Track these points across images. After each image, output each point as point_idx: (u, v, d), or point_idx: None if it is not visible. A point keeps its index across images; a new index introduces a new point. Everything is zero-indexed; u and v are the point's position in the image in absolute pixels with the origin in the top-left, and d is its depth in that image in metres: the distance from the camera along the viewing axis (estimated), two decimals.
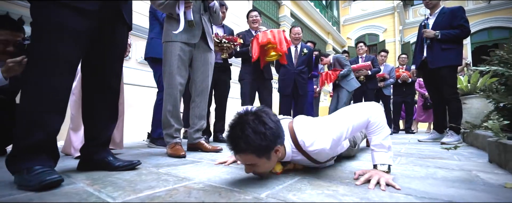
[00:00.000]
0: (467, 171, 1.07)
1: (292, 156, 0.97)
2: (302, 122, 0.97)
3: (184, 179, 0.91)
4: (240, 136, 0.77)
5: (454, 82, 2.46)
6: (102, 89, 1.07)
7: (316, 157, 0.96)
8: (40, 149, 0.85)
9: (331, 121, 0.93)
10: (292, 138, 0.94)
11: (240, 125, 0.78)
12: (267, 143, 0.78)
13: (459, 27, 2.39)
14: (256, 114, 0.81)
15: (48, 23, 0.86)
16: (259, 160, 0.81)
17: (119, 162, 1.06)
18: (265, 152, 0.80)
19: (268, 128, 0.78)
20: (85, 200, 0.67)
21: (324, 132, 0.90)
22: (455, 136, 2.36)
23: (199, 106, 1.73)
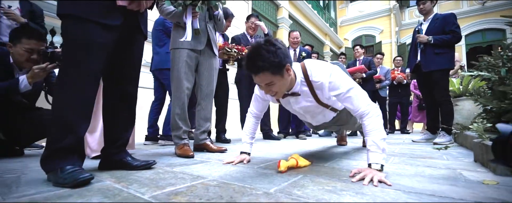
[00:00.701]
0: (452, 170, 1.18)
1: (301, 86, 1.17)
2: (314, 60, 1.19)
3: (199, 177, 1.01)
4: (256, 57, 0.96)
5: (446, 85, 2.59)
6: (122, 96, 1.16)
7: (317, 90, 1.17)
8: (71, 150, 0.95)
9: (339, 72, 1.13)
10: (303, 70, 1.15)
11: (255, 49, 0.97)
12: (279, 59, 0.97)
13: (451, 32, 2.51)
14: (267, 40, 1.00)
15: (77, 38, 0.96)
16: (274, 78, 1.00)
17: (137, 162, 1.16)
18: (278, 68, 0.98)
19: (278, 48, 0.98)
20: (119, 195, 0.77)
21: (330, 72, 1.12)
22: (446, 137, 2.49)
23: (204, 109, 1.83)
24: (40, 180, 0.97)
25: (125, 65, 1.15)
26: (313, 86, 1.16)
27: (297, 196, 0.76)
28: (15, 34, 1.45)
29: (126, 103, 1.18)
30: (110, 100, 1.17)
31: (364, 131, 1.05)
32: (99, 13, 0.97)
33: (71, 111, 0.94)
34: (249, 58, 0.99)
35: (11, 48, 1.45)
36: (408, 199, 0.74)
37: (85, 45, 0.96)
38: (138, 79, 1.23)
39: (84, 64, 0.95)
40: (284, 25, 7.18)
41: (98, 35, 0.98)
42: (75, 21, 0.95)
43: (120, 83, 1.15)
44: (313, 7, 8.83)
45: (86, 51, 0.96)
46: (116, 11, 1.02)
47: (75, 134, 0.95)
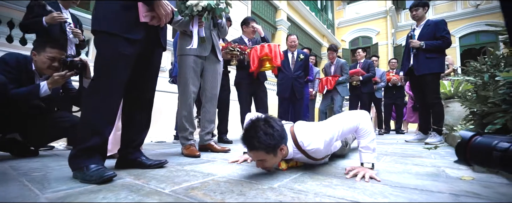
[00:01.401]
0: (437, 167, 1.31)
1: (294, 154, 1.20)
2: (301, 127, 1.20)
3: (209, 175, 1.12)
4: (253, 137, 1.00)
5: (437, 88, 2.72)
6: (141, 102, 1.28)
7: (313, 155, 1.19)
8: (96, 150, 1.06)
9: (325, 126, 1.16)
10: (293, 140, 1.17)
11: (254, 128, 1.02)
12: (275, 142, 1.01)
13: (441, 38, 2.65)
14: (265, 120, 1.05)
15: (106, 51, 1.09)
16: (267, 156, 1.04)
17: (150, 161, 1.26)
18: (273, 150, 1.03)
19: (275, 130, 1.02)
20: (142, 189, 0.88)
21: (319, 135, 1.14)
22: (437, 137, 2.62)
23: (209, 111, 1.94)
24: (66, 177, 1.07)
25: (145, 74, 1.27)
26: (307, 153, 1.17)
27: (297, 190, 0.88)
28: (41, 43, 1.57)
29: (144, 108, 1.30)
30: (130, 106, 1.28)
31: (357, 136, 1.16)
32: (124, 29, 1.09)
33: (99, 117, 1.06)
34: (247, 135, 1.02)
35: (35, 56, 1.55)
36: (394, 192, 0.86)
37: (112, 57, 1.08)
38: (155, 87, 1.36)
39: (112, 73, 1.08)
40: (282, 27, 7.31)
41: (124, 48, 1.10)
42: (105, 36, 1.09)
43: (140, 90, 1.27)
44: (311, 9, 8.97)
45: (113, 62, 1.08)
46: (139, 26, 1.14)
47: (100, 136, 1.06)
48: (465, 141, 0.63)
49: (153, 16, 1.19)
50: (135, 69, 1.20)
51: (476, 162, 0.65)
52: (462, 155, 0.64)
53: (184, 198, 0.79)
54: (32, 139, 1.70)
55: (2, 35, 2.61)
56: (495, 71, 1.76)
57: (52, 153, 1.88)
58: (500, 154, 0.57)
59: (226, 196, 0.80)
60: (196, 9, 1.58)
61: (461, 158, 0.65)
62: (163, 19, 1.21)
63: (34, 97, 1.48)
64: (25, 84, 1.50)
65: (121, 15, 1.10)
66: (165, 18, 1.21)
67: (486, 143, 0.61)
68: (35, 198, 0.80)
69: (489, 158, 0.59)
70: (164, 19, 1.21)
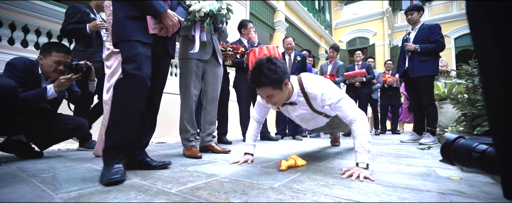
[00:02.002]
0: (428, 168, 1.38)
1: (297, 95, 1.37)
2: (309, 74, 1.40)
3: (212, 175, 1.18)
4: (259, 74, 1.15)
5: (431, 90, 2.81)
6: (149, 106, 1.33)
7: (311, 101, 1.36)
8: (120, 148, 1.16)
9: (330, 85, 1.33)
10: (299, 83, 1.35)
11: (259, 67, 1.17)
12: (278, 76, 1.17)
13: (435, 42, 2.73)
14: (268, 59, 1.19)
15: (128, 53, 1.18)
16: (274, 91, 1.20)
17: (155, 163, 1.32)
18: (278, 84, 1.18)
19: (278, 66, 1.18)
20: (150, 190, 0.93)
21: (323, 86, 1.32)
22: (431, 138, 2.71)
23: (210, 113, 2.00)
24: (75, 178, 1.12)
25: (154, 80, 1.32)
26: (308, 97, 1.35)
27: (296, 189, 0.94)
28: (47, 47, 1.61)
29: (151, 112, 1.36)
30: None
31: (353, 135, 1.23)
32: (138, 34, 1.21)
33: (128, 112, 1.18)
34: (253, 74, 1.18)
35: (41, 60, 1.60)
36: (386, 191, 0.92)
37: (135, 55, 1.17)
38: (162, 92, 1.44)
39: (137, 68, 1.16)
40: (280, 28, 7.37)
41: (140, 48, 1.20)
42: (125, 43, 1.19)
43: (148, 95, 1.31)
44: (308, 10, 9.05)
45: (137, 58, 1.17)
46: (149, 34, 1.25)
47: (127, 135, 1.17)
48: (449, 143, 0.69)
49: (161, 27, 1.28)
50: None
51: (458, 162, 0.71)
52: (446, 155, 0.70)
53: (191, 197, 0.84)
54: (37, 141, 1.74)
55: (3, 37, 2.64)
56: None
57: (56, 155, 1.92)
58: (478, 155, 0.63)
59: (230, 195, 0.86)
60: (198, 15, 1.64)
61: (445, 157, 0.71)
62: (171, 29, 1.29)
63: (41, 100, 1.53)
64: (32, 88, 1.54)
65: (133, 24, 1.21)
66: (172, 28, 1.30)
67: (467, 145, 0.68)
68: (50, 198, 0.85)
69: (469, 159, 0.65)
70: (171, 29, 1.30)
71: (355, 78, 4.21)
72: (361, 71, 4.18)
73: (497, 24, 0.48)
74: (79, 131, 1.87)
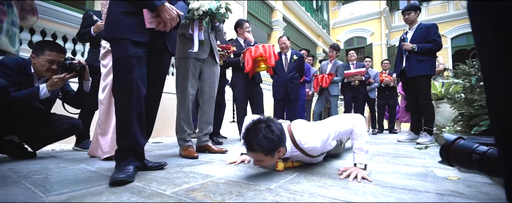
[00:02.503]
0: (425, 168, 1.37)
1: (291, 152, 1.26)
2: (299, 126, 1.27)
3: (208, 176, 1.16)
4: (254, 139, 1.05)
5: (428, 90, 2.81)
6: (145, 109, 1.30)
7: (310, 152, 1.26)
8: (127, 152, 1.15)
9: (323, 126, 1.23)
10: (291, 138, 1.23)
11: (255, 131, 1.06)
12: (273, 146, 1.06)
13: (433, 41, 2.73)
14: (267, 124, 1.08)
15: (119, 54, 1.15)
16: (265, 157, 1.09)
17: (151, 163, 1.29)
18: (271, 152, 1.07)
19: (275, 134, 1.06)
20: (144, 192, 0.91)
21: (316, 134, 1.20)
22: (428, 137, 2.71)
23: (206, 113, 1.98)
24: (67, 180, 1.10)
25: (151, 80, 1.28)
26: (305, 151, 1.24)
27: (293, 191, 0.92)
28: (40, 46, 1.57)
29: (147, 118, 1.29)
30: None
31: (351, 137, 1.22)
32: (131, 33, 1.15)
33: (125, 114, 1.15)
34: (247, 137, 1.06)
35: (34, 59, 1.56)
36: (384, 192, 0.91)
37: (124, 58, 1.14)
38: (160, 95, 1.39)
39: (124, 71, 1.13)
40: (278, 27, 7.35)
41: (131, 49, 1.15)
42: (116, 41, 1.16)
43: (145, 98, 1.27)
44: (306, 9, 9.04)
45: (126, 62, 1.14)
46: (144, 31, 1.19)
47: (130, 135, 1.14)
48: (448, 144, 0.68)
49: (159, 21, 1.22)
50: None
51: (457, 163, 0.70)
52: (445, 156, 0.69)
53: (186, 199, 0.83)
54: (30, 141, 1.71)
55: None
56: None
57: (50, 155, 1.89)
58: (478, 157, 0.62)
59: (225, 197, 0.84)
60: (197, 13, 1.61)
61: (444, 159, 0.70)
62: (169, 23, 1.23)
63: (34, 99, 1.50)
64: (24, 87, 1.51)
65: (127, 21, 1.16)
66: (170, 22, 1.23)
67: (467, 146, 0.67)
68: (40, 201, 0.82)
69: (468, 160, 0.64)
70: (169, 23, 1.23)
71: (355, 77, 4.19)
72: (362, 70, 4.18)
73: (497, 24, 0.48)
74: (73, 131, 1.84)
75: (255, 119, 1.12)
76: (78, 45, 3.11)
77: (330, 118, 1.28)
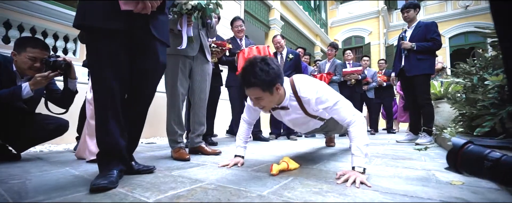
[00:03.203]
0: (427, 171, 1.31)
1: (290, 100, 1.26)
2: (302, 77, 1.29)
3: (197, 181, 1.09)
4: (250, 73, 1.04)
5: (427, 89, 2.75)
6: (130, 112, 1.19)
7: (305, 105, 1.27)
8: (108, 155, 1.07)
9: (326, 88, 1.23)
10: (291, 86, 1.25)
11: (251, 65, 1.06)
12: (270, 79, 1.06)
13: (432, 40, 2.68)
14: (263, 58, 1.08)
15: (89, 47, 1.06)
16: (264, 94, 1.09)
17: (139, 166, 1.22)
18: (268, 86, 1.07)
19: (271, 68, 1.07)
20: (125, 199, 0.84)
21: (317, 89, 1.22)
22: (427, 138, 2.65)
23: (198, 113, 1.90)
24: (46, 186, 1.02)
25: (137, 78, 1.15)
26: (301, 101, 1.26)
27: (287, 198, 0.86)
28: (21, 43, 1.49)
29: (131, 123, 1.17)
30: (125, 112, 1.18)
31: (350, 137, 1.16)
32: (102, 18, 0.99)
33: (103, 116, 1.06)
34: (244, 72, 1.08)
35: (15, 56, 1.48)
36: (384, 199, 0.85)
37: (94, 53, 1.04)
38: (149, 94, 1.22)
39: (97, 71, 1.04)
40: (276, 26, 7.28)
41: (104, 43, 1.02)
42: (87, 31, 1.04)
43: (132, 100, 1.16)
44: (304, 8, 8.97)
45: (95, 58, 1.04)
46: (120, 15, 1.00)
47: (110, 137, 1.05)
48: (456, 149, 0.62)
49: (137, 2, 1.00)
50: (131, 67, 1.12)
51: (466, 170, 0.64)
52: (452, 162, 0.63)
53: None
54: (13, 143, 1.63)
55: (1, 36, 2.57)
56: (483, 74, 1.78)
57: (36, 157, 1.81)
58: (491, 164, 0.56)
59: None
60: (185, 7, 1.54)
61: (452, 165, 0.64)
62: (148, 3, 1.02)
63: (16, 99, 1.42)
64: (6, 86, 1.43)
65: (98, 5, 0.99)
66: (150, 2, 1.03)
67: (478, 151, 0.60)
68: None
69: (479, 167, 0.58)
70: (149, 3, 1.02)
71: (352, 76, 4.13)
72: (359, 68, 4.12)
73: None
74: (60, 132, 1.76)
75: (252, 59, 1.11)
76: (69, 43, 3.03)
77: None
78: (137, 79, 1.17)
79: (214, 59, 2.58)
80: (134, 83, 1.18)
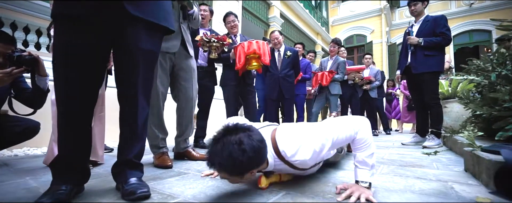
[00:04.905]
0: (443, 183, 1.12)
1: (275, 165, 0.98)
2: (284, 132, 0.99)
3: (169, 197, 0.91)
4: (217, 155, 0.78)
5: (435, 88, 2.56)
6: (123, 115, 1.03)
7: (298, 166, 0.99)
8: (64, 165, 0.91)
9: (316, 132, 0.95)
10: (274, 148, 0.96)
11: (222, 144, 0.78)
12: (241, 170, 0.80)
13: (441, 35, 2.48)
14: (239, 141, 0.78)
15: (56, 37, 0.90)
16: (230, 177, 0.84)
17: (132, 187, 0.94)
18: (238, 174, 0.82)
19: (246, 157, 0.77)
20: None
21: (307, 143, 0.92)
22: (436, 140, 2.46)
23: (185, 114, 1.71)
24: None
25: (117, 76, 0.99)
26: (292, 164, 0.97)
27: None
28: None
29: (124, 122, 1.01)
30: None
31: (353, 147, 0.96)
32: (63, 4, 0.85)
33: (61, 122, 0.91)
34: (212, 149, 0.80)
35: None
36: None
37: (55, 47, 0.89)
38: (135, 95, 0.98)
39: (57, 68, 0.89)
40: (275, 24, 7.09)
41: (68, 30, 0.87)
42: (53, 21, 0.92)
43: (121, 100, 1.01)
44: (305, 6, 8.77)
45: (57, 53, 0.88)
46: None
47: (64, 147, 0.91)
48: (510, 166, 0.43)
49: None
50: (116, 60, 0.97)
51: None
52: (505, 185, 0.44)
53: None
54: None
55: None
56: (502, 70, 1.59)
57: (3, 162, 1.64)
58: None
59: None
60: None
61: (503, 189, 0.45)
62: None
63: None
64: None
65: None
66: None
67: None
68: None
69: None
70: None
71: (357, 74, 3.90)
72: (362, 66, 3.91)
73: None
74: (29, 135, 1.58)
75: (229, 125, 0.85)
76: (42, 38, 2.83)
77: (328, 120, 1.01)
78: (117, 75, 1.01)
79: (214, 55, 2.39)
80: (116, 81, 1.01)
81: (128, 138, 1.01)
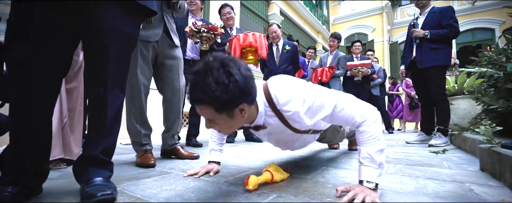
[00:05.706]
0: (459, 183, 0.97)
1: (266, 117, 0.86)
2: (279, 79, 0.87)
3: (138, 199, 0.77)
4: (199, 84, 0.66)
5: (442, 83, 2.42)
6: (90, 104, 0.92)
7: (291, 122, 0.87)
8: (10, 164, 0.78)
9: (318, 89, 0.85)
10: (265, 94, 0.85)
11: (203, 72, 0.66)
12: (228, 97, 0.66)
13: (448, 26, 2.33)
14: (223, 62, 0.67)
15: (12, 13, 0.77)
16: (218, 116, 0.71)
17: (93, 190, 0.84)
18: (225, 108, 0.69)
19: (233, 80, 0.66)
20: None
21: (304, 96, 0.82)
22: (443, 138, 2.31)
23: (172, 107, 1.57)
24: None
25: (87, 56, 0.88)
26: (283, 115, 0.86)
27: None
28: None
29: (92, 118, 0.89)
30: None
31: (358, 140, 0.82)
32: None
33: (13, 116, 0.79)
34: (192, 81, 0.69)
35: None
36: None
37: (14, 22, 0.76)
38: (106, 80, 0.84)
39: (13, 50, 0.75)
40: (275, 21, 6.93)
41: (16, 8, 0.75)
42: None
43: (87, 84, 0.93)
44: (305, 4, 8.63)
45: (8, 30, 0.76)
46: None
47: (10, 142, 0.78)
48: None
49: None
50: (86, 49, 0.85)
51: None
52: None
53: None
54: None
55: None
56: None
57: None
58: None
59: None
60: None
61: None
62: None
63: None
64: None
65: None
66: None
67: None
68: None
69: None
70: None
71: (362, 69, 3.73)
72: (367, 61, 3.76)
73: None
74: None
75: (210, 57, 0.70)
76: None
77: (340, 91, 0.89)
78: (86, 59, 0.88)
79: (205, 46, 2.26)
80: (85, 67, 0.90)
81: (95, 131, 0.87)
